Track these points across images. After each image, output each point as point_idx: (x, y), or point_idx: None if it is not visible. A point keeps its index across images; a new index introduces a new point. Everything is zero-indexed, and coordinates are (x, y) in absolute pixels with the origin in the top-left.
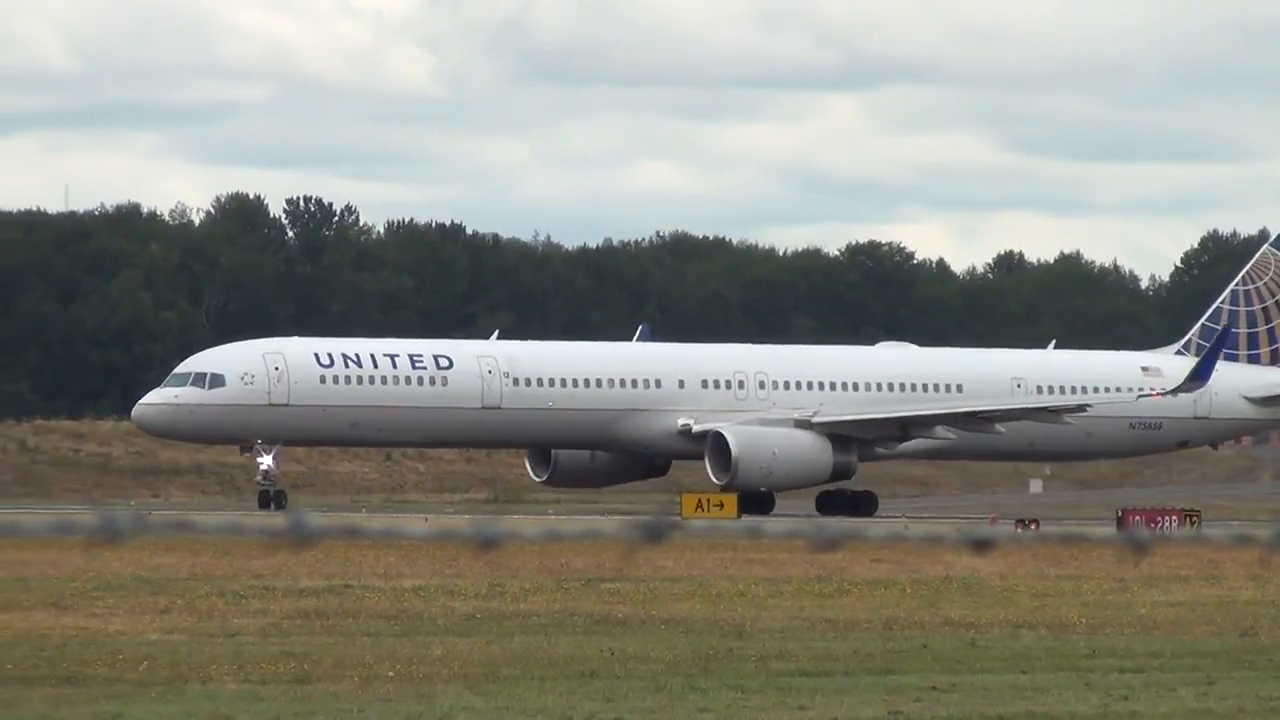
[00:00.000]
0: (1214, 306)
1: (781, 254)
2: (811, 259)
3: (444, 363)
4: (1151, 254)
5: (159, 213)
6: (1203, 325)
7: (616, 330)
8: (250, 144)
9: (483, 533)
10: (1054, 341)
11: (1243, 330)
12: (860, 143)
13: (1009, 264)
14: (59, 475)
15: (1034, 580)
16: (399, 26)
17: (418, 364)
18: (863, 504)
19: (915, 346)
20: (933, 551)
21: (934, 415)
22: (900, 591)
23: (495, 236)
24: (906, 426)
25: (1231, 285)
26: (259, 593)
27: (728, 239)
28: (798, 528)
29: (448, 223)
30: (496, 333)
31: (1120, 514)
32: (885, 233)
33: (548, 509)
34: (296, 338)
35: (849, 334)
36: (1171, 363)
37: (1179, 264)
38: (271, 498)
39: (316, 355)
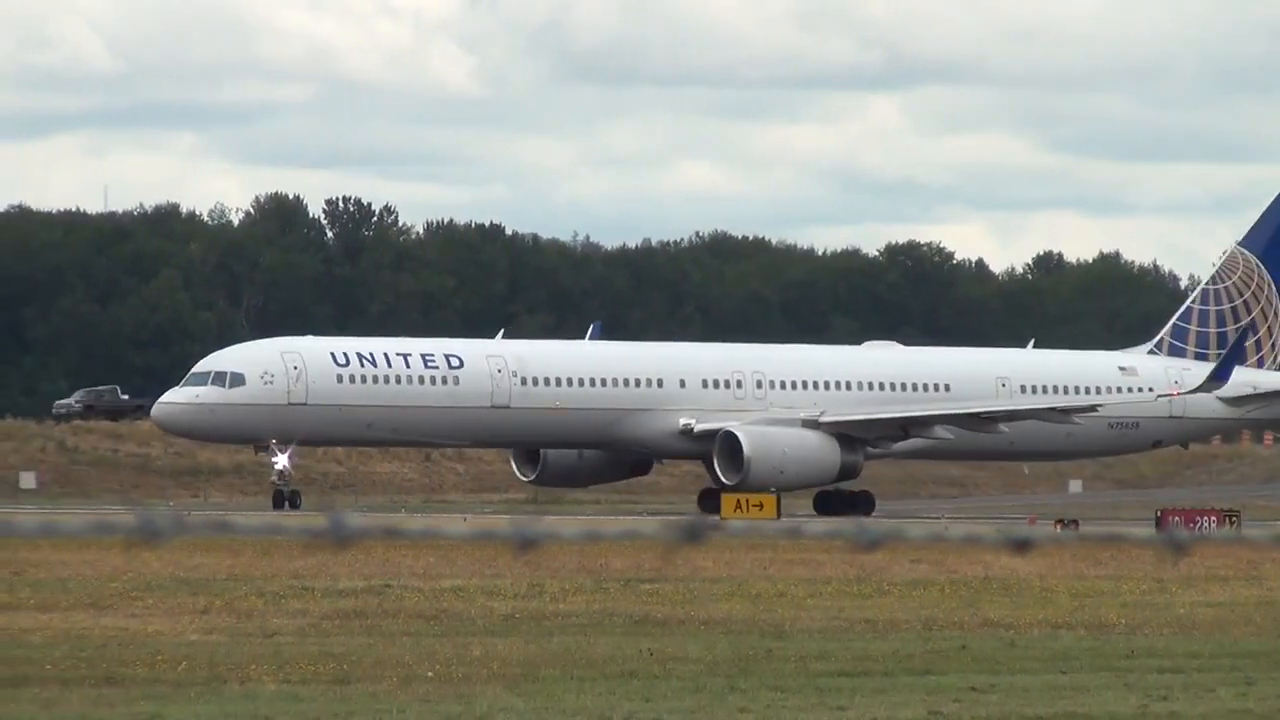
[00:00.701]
0: (1185, 306)
1: (821, 254)
2: (851, 259)
3: (455, 362)
4: (1191, 254)
5: (198, 213)
6: (1174, 325)
7: (656, 330)
8: (290, 144)
9: (522, 533)
10: (1033, 341)
11: (1212, 330)
12: (900, 143)
13: (1048, 264)
14: (98, 476)
15: (1073, 581)
16: (439, 26)
17: (430, 363)
18: (860, 504)
19: (900, 345)
20: (972, 552)
21: (942, 415)
22: (939, 592)
23: (535, 237)
24: (907, 426)
25: (1202, 285)
26: (298, 593)
27: (767, 239)
28: (837, 528)
29: (487, 223)
30: (501, 331)
31: (1159, 514)
32: (925, 233)
33: (586, 509)
34: (310, 336)
35: (888, 334)
36: (1145, 362)
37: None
38: (286, 497)
39: (333, 355)
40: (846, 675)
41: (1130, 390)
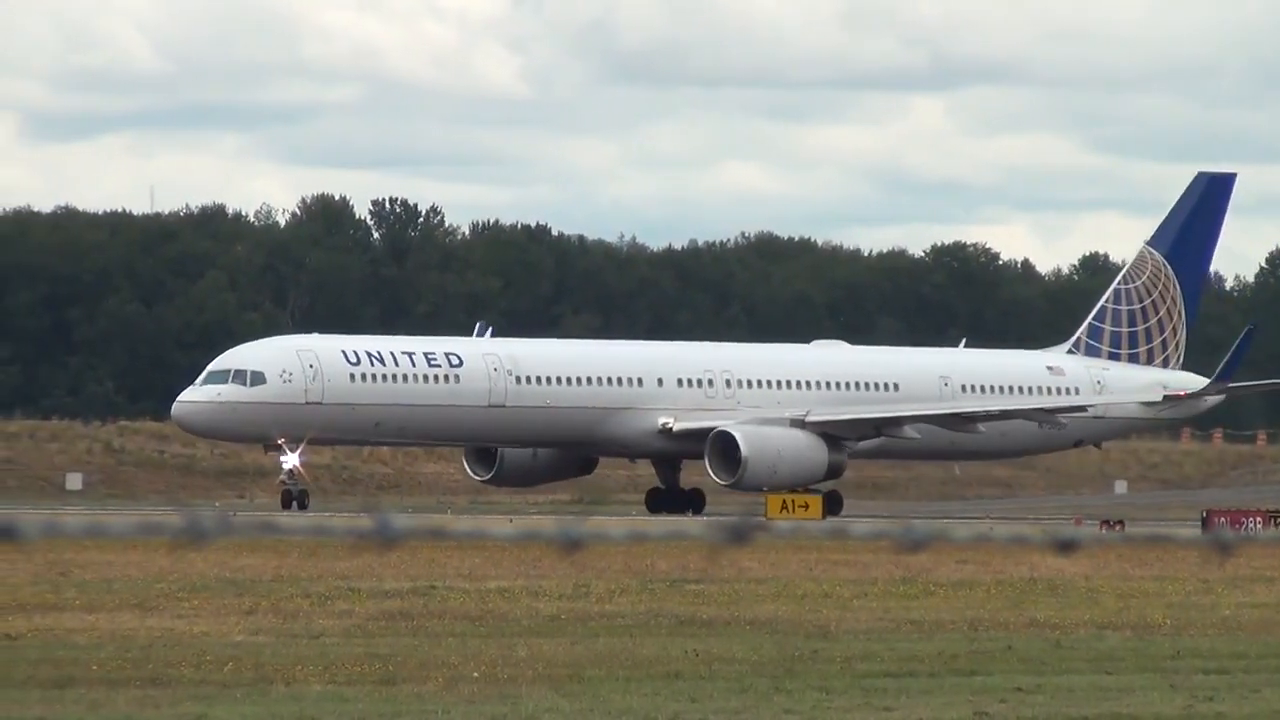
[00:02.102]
0: (1099, 305)
1: (867, 255)
2: (896, 260)
3: (455, 360)
4: (1236, 255)
5: (244, 214)
6: (1090, 324)
7: (702, 331)
8: (336, 145)
9: (567, 534)
10: (964, 340)
11: (1124, 330)
12: (945, 143)
13: (1094, 265)
14: (144, 476)
15: (1119, 581)
16: (485, 27)
17: (433, 362)
18: (832, 505)
19: (847, 344)
20: (1018, 552)
21: (929, 415)
22: (985, 592)
23: (580, 238)
24: (881, 426)
25: (1114, 284)
26: (344, 594)
27: (813, 240)
28: (883, 529)
29: (533, 224)
30: (490, 330)
31: (1205, 515)
32: (970, 234)
33: (630, 510)
34: (317, 335)
35: (933, 335)
36: (1067, 362)
37: (1264, 264)
38: (294, 497)
39: (344, 353)
40: (892, 676)
41: (1058, 390)
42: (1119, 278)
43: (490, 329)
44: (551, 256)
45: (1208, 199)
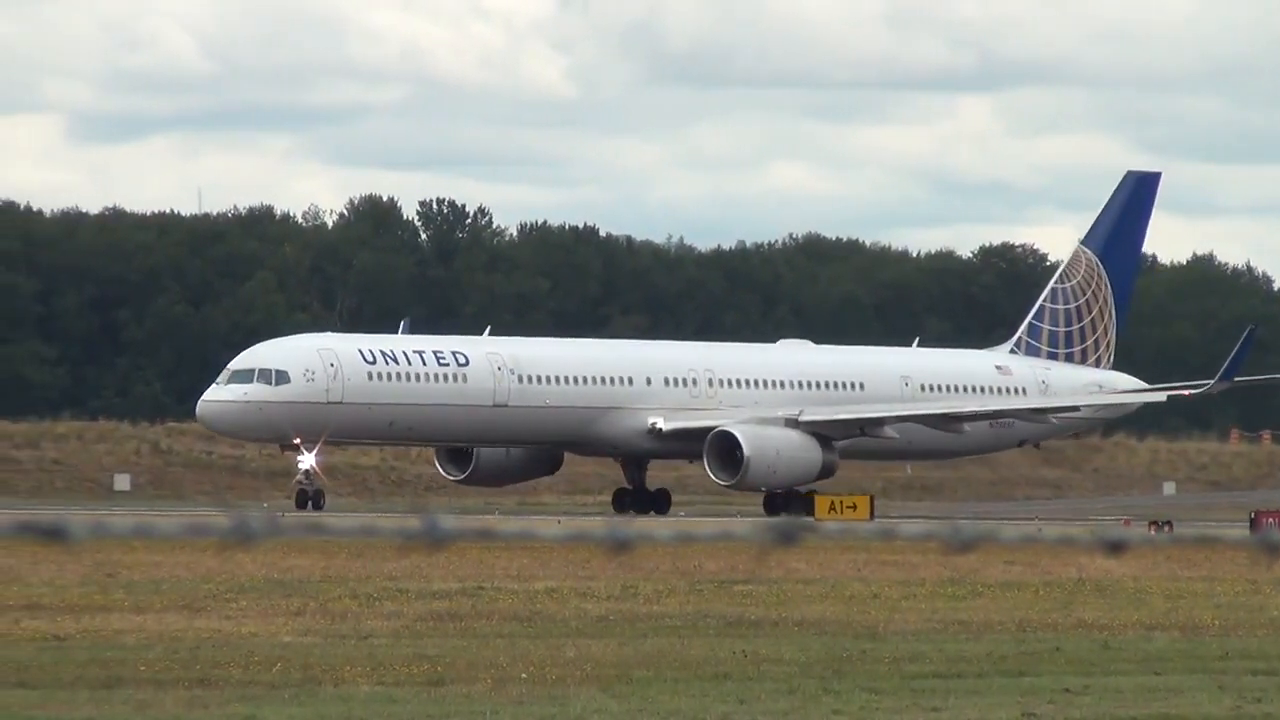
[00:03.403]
0: (1037, 304)
1: (914, 256)
2: (945, 261)
3: (462, 360)
4: None
5: (292, 215)
6: (1029, 324)
7: (750, 332)
8: (383, 146)
9: (615, 535)
10: (917, 340)
11: (1060, 329)
12: (992, 144)
13: (1141, 266)
14: (192, 477)
15: (1167, 582)
16: (531, 28)
17: (442, 361)
18: (811, 505)
19: (812, 344)
20: (1066, 553)
21: (920, 415)
22: (1033, 593)
23: (628, 238)
24: (864, 426)
25: (1050, 283)
26: (392, 595)
27: (861, 241)
28: (931, 530)
29: (581, 225)
30: (489, 328)
31: (1253, 516)
32: (1016, 234)
33: (679, 510)
34: (330, 333)
35: (981, 336)
36: (1013, 362)
37: None
38: (310, 497)
39: (361, 352)
40: (940, 677)
41: (1006, 390)
42: (1055, 276)
43: (406, 321)
44: (599, 257)
45: (1136, 198)
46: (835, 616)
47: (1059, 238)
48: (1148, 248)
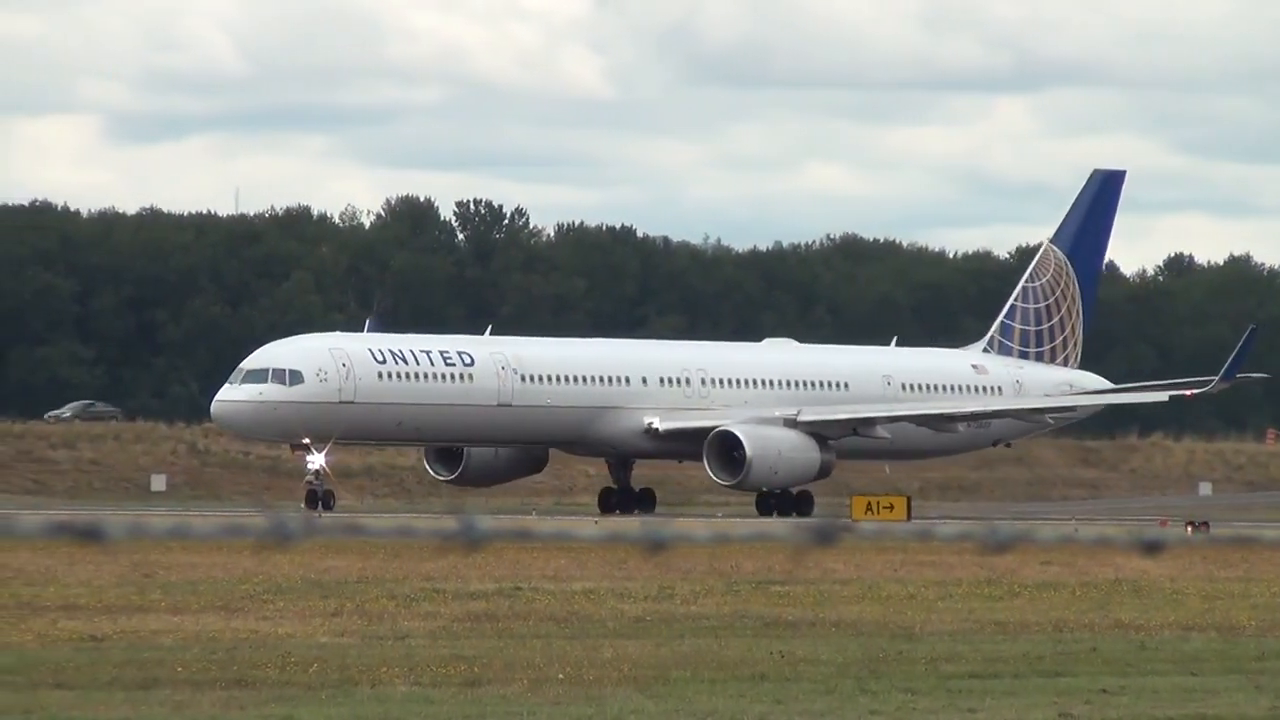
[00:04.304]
0: (1009, 304)
1: (952, 257)
2: (982, 261)
3: (467, 359)
4: None
5: (329, 215)
6: (1001, 323)
7: (787, 332)
8: (420, 146)
9: (652, 535)
10: (895, 339)
11: (1031, 328)
12: (1028, 145)
13: (1178, 266)
14: (229, 478)
15: (1203, 583)
16: (568, 28)
17: (448, 361)
18: (802, 505)
19: (795, 343)
20: (1102, 554)
21: (916, 415)
22: (1070, 594)
23: (665, 239)
24: (858, 426)
25: (1021, 282)
26: (429, 595)
27: (897, 241)
28: (968, 530)
29: (618, 225)
30: (490, 327)
31: None
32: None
33: (716, 511)
34: (339, 333)
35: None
36: (987, 361)
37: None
38: (320, 497)
39: (371, 352)
40: (977, 677)
41: (983, 390)
42: (1025, 275)
43: (371, 319)
44: (636, 258)
45: (1102, 196)
46: (872, 617)
47: None
48: (1185, 249)
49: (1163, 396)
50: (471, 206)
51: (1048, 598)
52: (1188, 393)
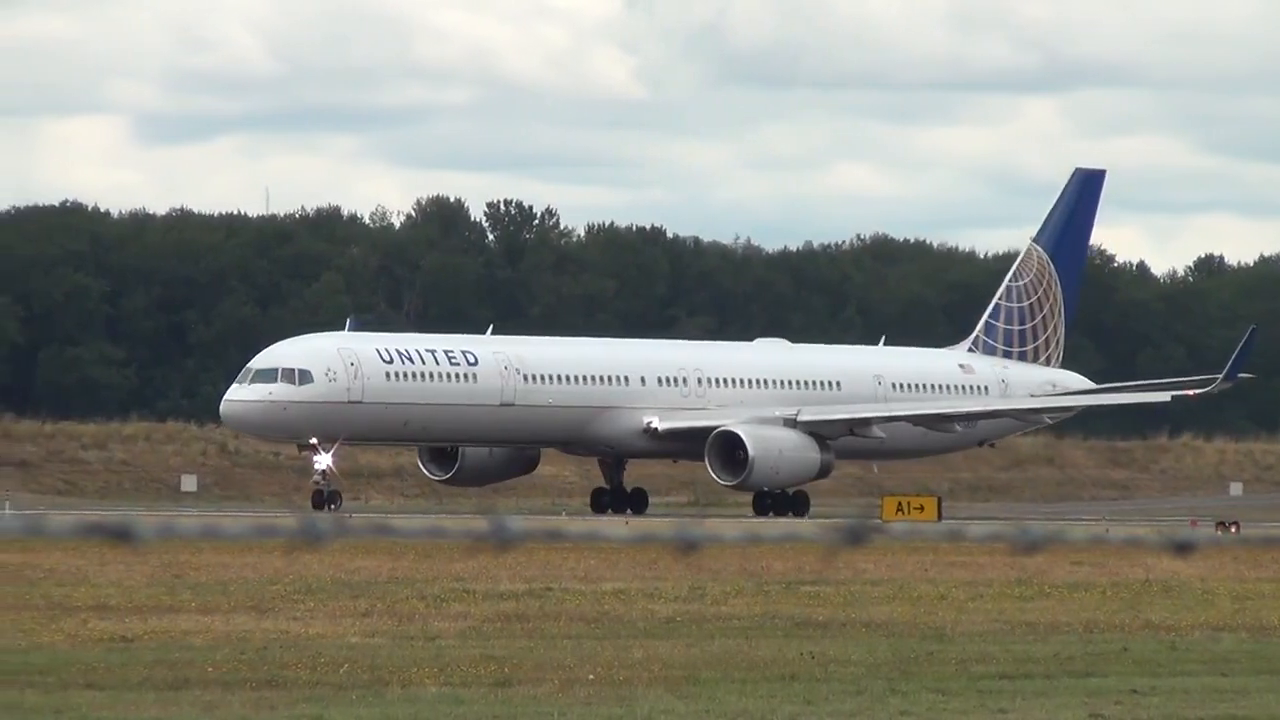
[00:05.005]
0: (993, 303)
1: (982, 257)
2: (1012, 262)
3: (471, 359)
4: None
5: (359, 215)
6: (985, 322)
7: (817, 333)
8: (450, 147)
9: (683, 536)
10: (884, 338)
11: (1015, 327)
12: (1058, 145)
13: (1209, 267)
14: (259, 478)
15: (1235, 583)
16: (597, 28)
17: (453, 361)
18: (799, 505)
19: (787, 342)
20: (1133, 554)
21: (914, 415)
22: (1100, 594)
23: (695, 239)
24: (854, 426)
25: (1005, 281)
26: (459, 596)
27: (928, 241)
28: (998, 531)
29: (648, 226)
30: (491, 327)
31: None
32: None
33: (747, 512)
34: (344, 332)
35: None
36: (973, 361)
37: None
38: (326, 498)
39: (379, 351)
40: (1008, 678)
41: (970, 389)
42: (1009, 274)
43: (351, 319)
44: (666, 258)
45: (1084, 195)
46: (902, 617)
47: (1127, 239)
48: (1215, 249)
49: (1165, 397)
50: (502, 207)
51: (1078, 598)
52: (1190, 392)
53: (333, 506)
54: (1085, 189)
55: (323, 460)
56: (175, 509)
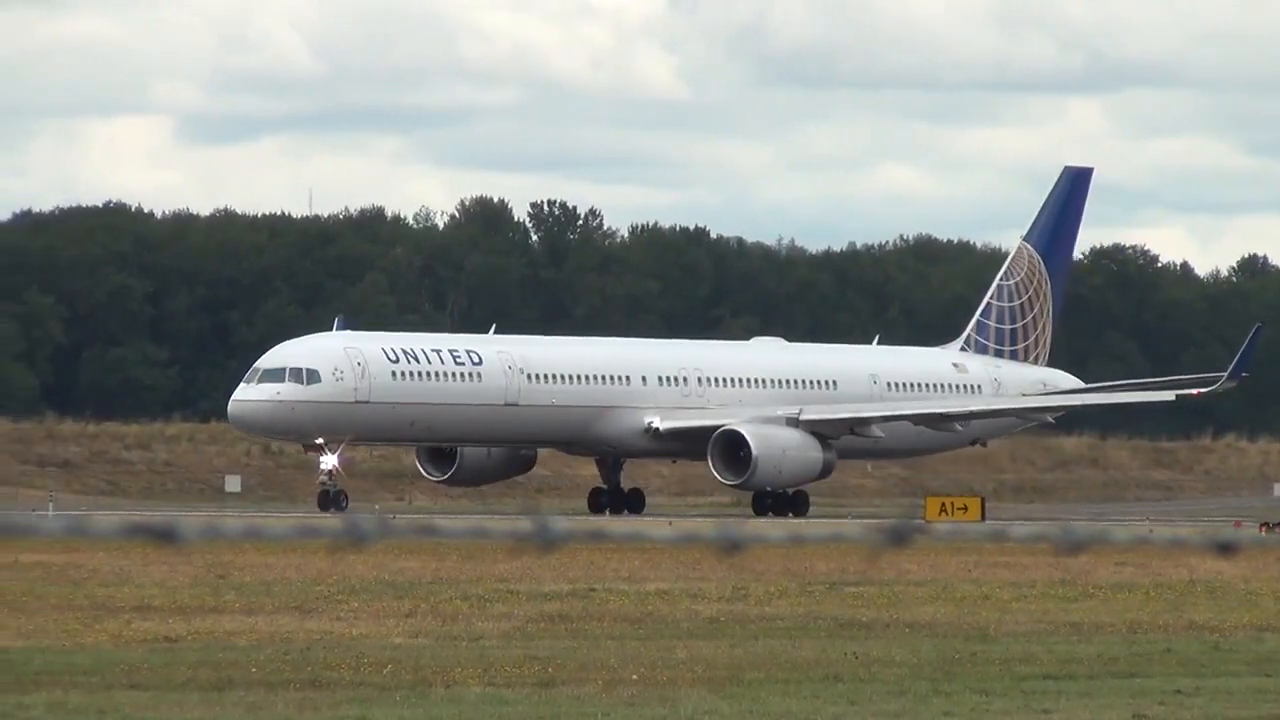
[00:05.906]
0: (984, 302)
1: None
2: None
3: (476, 359)
4: None
5: (403, 216)
6: (977, 321)
7: (860, 333)
8: (494, 147)
9: (727, 536)
10: (877, 337)
11: (1006, 327)
12: (1102, 146)
13: (1252, 267)
14: (303, 479)
15: (1278, 583)
16: (641, 28)
17: (458, 360)
18: (799, 505)
19: (784, 341)
20: (1177, 555)
21: (915, 415)
22: (1144, 595)
23: (739, 240)
24: (855, 425)
25: (996, 280)
26: (503, 596)
27: (971, 242)
28: (1042, 531)
29: (691, 226)
30: (494, 327)
31: None
32: (1128, 236)
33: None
34: (349, 331)
35: (1091, 337)
36: (967, 360)
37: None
38: (332, 498)
39: (385, 351)
40: (1051, 678)
41: (964, 388)
42: (1000, 273)
43: (338, 320)
44: (710, 259)
45: (1072, 194)
46: (946, 618)
47: (1170, 239)
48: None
49: (1169, 396)
50: (545, 208)
51: (1122, 599)
52: (1195, 391)
53: (339, 506)
54: (1074, 187)
55: (329, 460)
56: (219, 509)
